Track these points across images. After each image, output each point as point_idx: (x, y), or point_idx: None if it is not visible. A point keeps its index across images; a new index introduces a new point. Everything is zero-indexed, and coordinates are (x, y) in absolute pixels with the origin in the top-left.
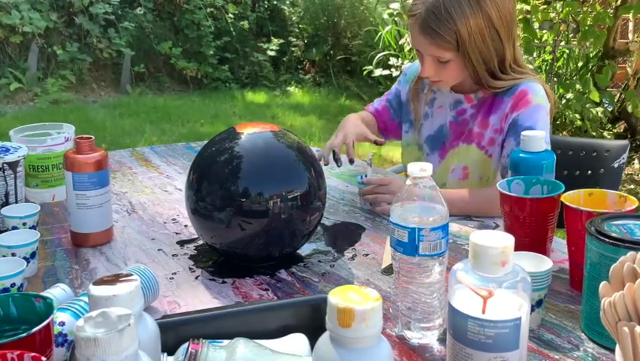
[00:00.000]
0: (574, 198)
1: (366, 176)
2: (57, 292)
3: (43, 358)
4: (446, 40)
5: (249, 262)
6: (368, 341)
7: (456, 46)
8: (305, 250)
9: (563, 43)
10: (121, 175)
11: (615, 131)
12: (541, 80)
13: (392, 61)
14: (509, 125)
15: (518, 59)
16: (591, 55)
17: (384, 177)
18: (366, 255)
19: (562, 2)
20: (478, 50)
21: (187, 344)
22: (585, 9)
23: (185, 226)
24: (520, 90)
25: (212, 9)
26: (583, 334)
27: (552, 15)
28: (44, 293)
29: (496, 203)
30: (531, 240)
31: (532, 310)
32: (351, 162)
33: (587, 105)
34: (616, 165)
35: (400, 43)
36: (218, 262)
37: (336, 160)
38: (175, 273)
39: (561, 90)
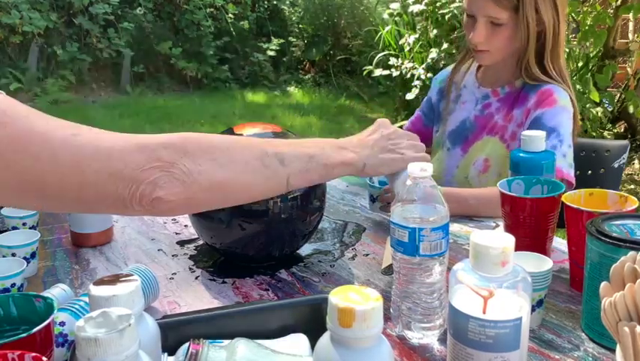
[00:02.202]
0: (574, 198)
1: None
2: (57, 292)
3: (44, 358)
4: None
5: (248, 262)
6: (368, 341)
7: (515, 5)
8: (305, 250)
9: None
10: None
11: (615, 131)
12: (569, 90)
13: (392, 61)
14: (531, 121)
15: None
16: (591, 55)
17: None
18: (367, 255)
19: None
20: (537, 14)
21: (187, 344)
22: (585, 9)
23: (185, 226)
24: (546, 89)
25: (212, 9)
26: (583, 334)
27: None
28: (44, 293)
29: (496, 205)
30: (531, 240)
31: (533, 310)
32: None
33: (587, 105)
34: (616, 165)
35: (400, 43)
36: (218, 262)
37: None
38: (175, 273)
39: None
